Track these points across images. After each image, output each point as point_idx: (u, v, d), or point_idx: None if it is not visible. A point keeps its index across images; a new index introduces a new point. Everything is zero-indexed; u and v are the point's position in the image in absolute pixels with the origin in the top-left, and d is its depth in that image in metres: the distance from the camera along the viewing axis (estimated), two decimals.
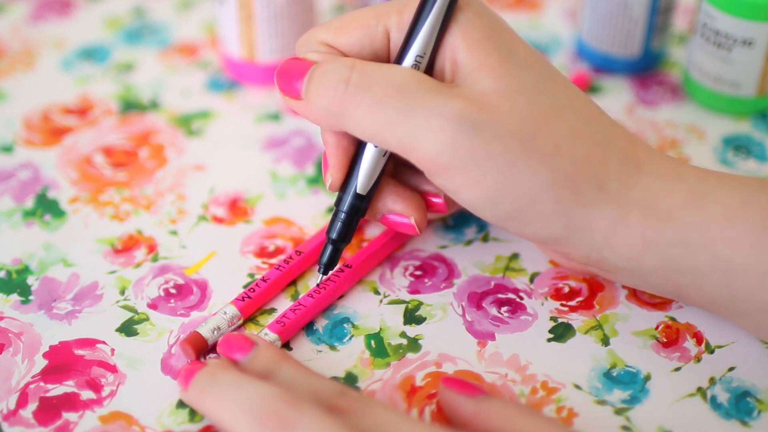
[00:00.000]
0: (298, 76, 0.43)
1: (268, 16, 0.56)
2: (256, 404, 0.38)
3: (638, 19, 0.57)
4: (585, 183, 0.41)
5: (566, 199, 0.41)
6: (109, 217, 0.51)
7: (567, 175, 0.41)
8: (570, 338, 0.45)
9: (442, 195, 0.46)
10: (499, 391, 0.43)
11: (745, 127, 0.56)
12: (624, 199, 0.41)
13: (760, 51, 0.54)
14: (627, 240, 0.41)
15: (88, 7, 0.66)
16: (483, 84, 0.41)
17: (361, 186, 0.44)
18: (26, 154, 0.55)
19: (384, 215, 0.45)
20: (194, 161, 0.54)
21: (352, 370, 0.44)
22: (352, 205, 0.44)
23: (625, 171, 0.42)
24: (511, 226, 0.43)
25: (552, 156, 0.41)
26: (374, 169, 0.44)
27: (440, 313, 0.46)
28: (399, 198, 0.45)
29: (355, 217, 0.45)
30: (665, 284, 0.43)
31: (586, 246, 0.42)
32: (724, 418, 0.42)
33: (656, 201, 0.41)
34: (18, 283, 0.47)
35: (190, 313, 0.46)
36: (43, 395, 0.42)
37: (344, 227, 0.45)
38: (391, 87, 0.41)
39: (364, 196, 0.44)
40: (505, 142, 0.40)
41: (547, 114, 0.41)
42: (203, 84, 0.60)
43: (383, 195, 0.45)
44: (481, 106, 0.40)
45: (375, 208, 0.45)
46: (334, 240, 0.45)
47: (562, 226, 0.42)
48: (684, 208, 0.41)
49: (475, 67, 0.41)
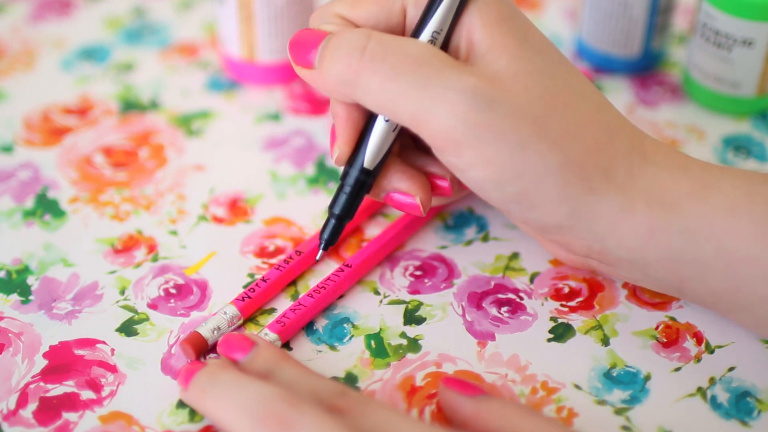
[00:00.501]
0: (312, 45, 0.43)
1: (268, 16, 0.56)
2: (256, 404, 0.38)
3: (638, 19, 0.57)
4: (593, 170, 0.41)
5: (573, 185, 0.41)
6: (109, 217, 0.51)
7: (576, 160, 0.41)
8: (570, 338, 0.45)
9: (448, 178, 0.45)
10: (499, 391, 0.43)
11: (745, 127, 0.56)
12: (630, 187, 0.41)
13: (760, 51, 0.54)
14: (631, 229, 0.41)
15: (88, 7, 0.66)
16: (498, 64, 0.41)
17: (368, 160, 0.44)
18: (26, 154, 0.55)
19: (389, 193, 0.45)
20: (194, 161, 0.54)
21: (352, 370, 0.44)
22: (358, 180, 0.44)
23: (632, 160, 0.42)
24: (515, 210, 0.42)
25: (562, 140, 0.41)
26: (383, 145, 0.44)
27: (440, 313, 0.46)
28: (405, 177, 0.45)
29: (360, 192, 0.44)
30: (667, 277, 0.42)
31: (590, 235, 0.42)
32: (724, 418, 0.42)
33: (662, 191, 0.41)
34: (18, 283, 0.47)
35: (190, 313, 0.46)
36: (43, 395, 0.42)
37: (348, 202, 0.44)
38: (407, 58, 0.41)
39: (370, 172, 0.44)
40: (516, 122, 0.40)
41: (559, 98, 0.41)
42: (203, 84, 0.60)
43: (389, 173, 0.45)
44: (496, 84, 0.40)
45: (380, 185, 0.45)
46: (338, 215, 0.44)
47: (567, 212, 0.41)
48: (689, 198, 0.41)
49: (491, 47, 0.41)
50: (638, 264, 0.42)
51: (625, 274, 0.44)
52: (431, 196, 0.45)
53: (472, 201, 0.52)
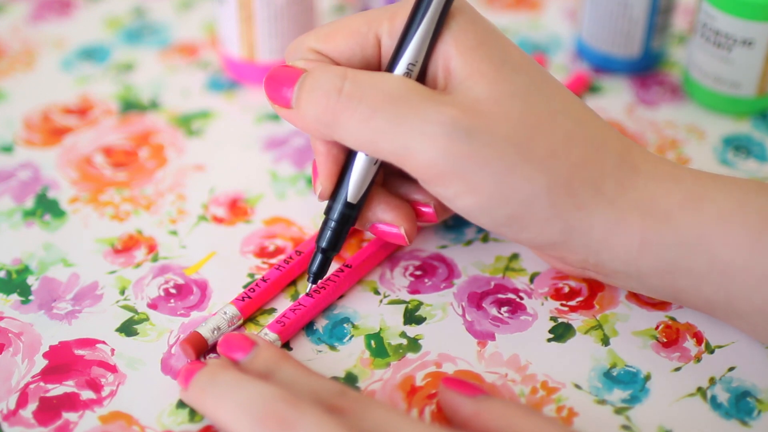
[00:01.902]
0: (288, 83, 0.43)
1: (268, 16, 0.56)
2: (256, 404, 0.38)
3: (638, 19, 0.57)
4: (581, 186, 0.41)
5: (563, 203, 0.41)
6: (109, 217, 0.51)
7: (563, 179, 0.41)
8: (570, 338, 0.45)
9: (432, 205, 0.45)
10: (499, 391, 0.43)
11: (745, 127, 0.56)
12: (621, 200, 0.41)
13: (760, 51, 0.54)
14: (624, 242, 0.41)
15: (88, 7, 0.66)
16: (476, 90, 0.41)
17: (351, 195, 0.44)
18: (26, 154, 0.55)
19: (374, 225, 0.45)
20: (194, 161, 0.54)
21: (352, 370, 0.44)
22: (342, 214, 0.44)
23: (621, 173, 0.42)
24: (507, 233, 0.43)
25: (547, 160, 0.41)
26: (365, 178, 0.44)
27: (440, 313, 0.46)
28: (389, 208, 0.45)
29: (345, 226, 0.44)
30: (663, 287, 0.42)
31: (583, 250, 0.42)
32: (724, 418, 0.42)
33: (653, 202, 0.41)
34: (18, 283, 0.47)
35: (190, 313, 0.46)
36: (43, 395, 0.42)
37: (334, 236, 0.44)
38: (383, 95, 0.41)
39: (354, 205, 0.44)
40: (499, 148, 0.40)
41: (542, 119, 0.41)
42: (203, 84, 0.60)
43: (373, 204, 0.45)
44: (475, 113, 0.40)
45: (365, 217, 0.45)
46: (324, 249, 0.44)
47: (559, 230, 0.41)
48: (681, 209, 0.41)
49: (469, 74, 0.41)
50: (633, 275, 0.42)
51: (621, 283, 0.44)
52: (416, 226, 0.45)
53: None
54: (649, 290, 0.43)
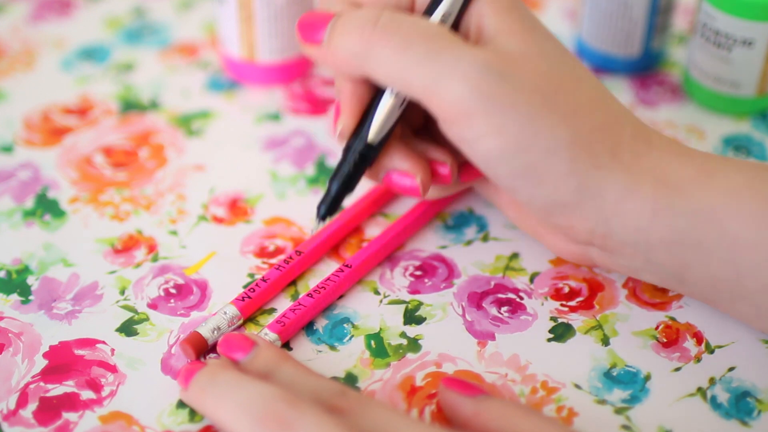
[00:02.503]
0: (321, 24, 0.43)
1: (268, 16, 0.56)
2: (256, 404, 0.38)
3: (638, 19, 0.57)
4: (600, 148, 0.41)
5: (582, 161, 0.41)
6: (109, 217, 0.51)
7: (584, 137, 0.41)
8: (570, 338, 0.45)
9: (449, 164, 0.45)
10: (499, 391, 0.43)
11: (745, 127, 0.56)
12: (636, 168, 0.42)
13: (760, 51, 0.54)
14: (637, 208, 0.41)
15: (88, 7, 0.66)
16: (508, 45, 0.42)
17: (372, 135, 0.44)
18: (26, 154, 0.55)
19: (389, 173, 0.45)
20: (194, 161, 0.54)
21: (352, 370, 0.44)
22: (361, 153, 0.44)
23: (637, 145, 0.42)
24: (522, 187, 0.42)
25: (571, 117, 0.41)
26: (387, 120, 0.44)
27: (440, 313, 0.46)
28: (406, 157, 0.45)
29: (362, 165, 0.44)
30: (669, 263, 0.42)
31: (594, 215, 0.42)
32: (724, 418, 0.42)
33: (667, 173, 0.42)
34: (18, 283, 0.47)
35: (190, 313, 0.46)
36: (43, 395, 0.42)
37: (350, 175, 0.44)
38: (419, 30, 0.41)
39: (373, 147, 0.44)
40: (527, 95, 0.41)
41: (567, 80, 0.42)
42: (203, 84, 0.60)
43: (390, 152, 0.45)
44: (507, 61, 0.41)
45: (381, 164, 0.45)
46: (338, 187, 0.44)
47: (574, 188, 0.41)
48: (693, 183, 0.41)
49: (500, 31, 0.42)
50: (641, 248, 0.42)
51: (625, 263, 0.44)
52: (430, 180, 0.45)
53: (472, 201, 0.52)
54: (654, 268, 0.43)
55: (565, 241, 0.45)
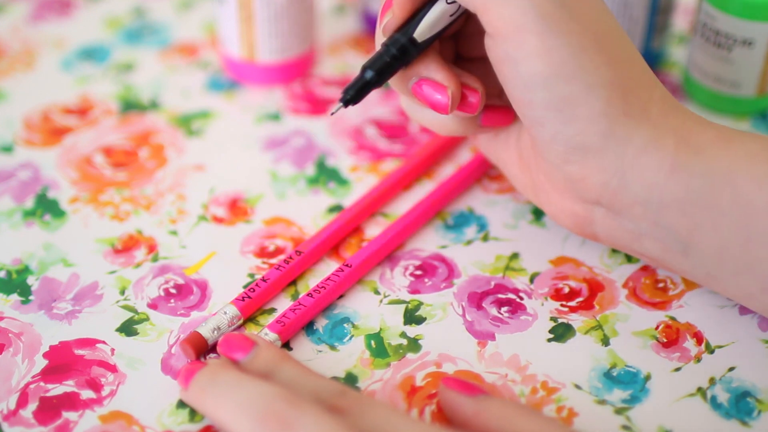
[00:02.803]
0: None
1: (268, 16, 0.56)
2: (257, 404, 0.38)
3: (638, 19, 0.57)
4: (634, 98, 0.42)
5: (615, 104, 0.42)
6: (109, 217, 0.51)
7: (622, 84, 0.42)
8: (570, 338, 0.45)
9: (480, 92, 0.45)
10: (499, 391, 0.43)
11: (745, 127, 0.56)
12: (662, 124, 0.42)
13: (760, 51, 0.54)
14: (656, 163, 0.42)
15: (88, 7, 0.66)
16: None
17: (419, 33, 0.43)
18: (26, 154, 0.55)
19: (420, 81, 0.44)
20: (194, 161, 0.54)
21: (352, 370, 0.44)
22: (403, 46, 0.43)
23: (664, 105, 0.43)
24: (553, 120, 0.42)
25: (614, 62, 0.42)
26: (436, 23, 0.43)
27: (440, 313, 0.46)
28: (442, 68, 0.44)
29: (401, 59, 0.43)
30: (678, 225, 0.42)
31: (613, 164, 0.42)
32: (724, 418, 0.42)
33: (690, 134, 0.42)
34: (18, 283, 0.47)
35: (190, 313, 0.46)
36: (43, 395, 0.42)
37: (386, 64, 0.43)
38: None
39: (417, 44, 0.43)
40: (582, 28, 0.41)
41: (614, 32, 0.43)
42: (203, 84, 0.60)
43: (427, 61, 0.44)
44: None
45: (415, 69, 0.44)
46: (371, 74, 0.43)
47: (602, 131, 0.42)
48: (713, 145, 0.42)
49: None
50: (652, 207, 0.42)
51: (631, 226, 0.44)
52: (459, 99, 0.44)
53: (472, 201, 0.52)
54: (661, 232, 0.43)
55: (570, 198, 0.45)
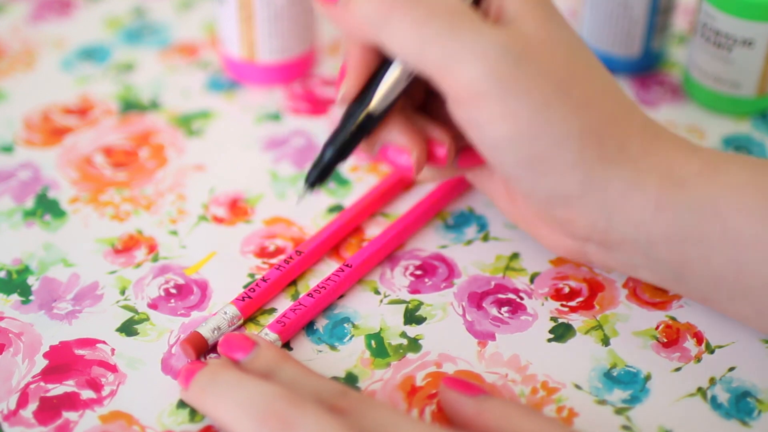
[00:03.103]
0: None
1: (268, 16, 0.56)
2: (257, 404, 0.38)
3: (638, 19, 0.57)
4: (609, 139, 0.41)
5: (589, 151, 0.41)
6: (109, 217, 0.51)
7: (594, 127, 0.41)
8: (570, 338, 0.45)
9: (447, 144, 0.44)
10: (500, 391, 0.43)
11: (745, 127, 0.56)
12: (642, 161, 0.42)
13: (760, 51, 0.54)
14: (640, 202, 0.41)
15: (88, 7, 0.66)
16: (527, 28, 0.41)
17: (375, 104, 0.43)
18: (26, 154, 0.55)
19: (384, 146, 0.44)
20: (194, 161, 0.54)
21: (352, 370, 0.44)
22: (360, 121, 0.43)
23: (645, 137, 0.42)
24: (527, 177, 0.42)
25: (583, 107, 0.41)
26: (392, 91, 0.43)
27: (440, 313, 0.46)
28: (404, 132, 0.44)
29: (360, 134, 0.43)
30: (670, 259, 0.42)
31: (598, 208, 0.42)
32: (725, 418, 0.42)
33: (672, 168, 0.42)
34: (18, 283, 0.47)
35: (190, 313, 0.46)
36: (44, 395, 0.42)
37: (346, 142, 0.43)
38: (442, 4, 0.41)
39: (374, 116, 0.43)
40: (543, 82, 0.40)
41: (582, 68, 0.42)
42: (203, 84, 0.60)
43: (390, 125, 0.44)
44: (525, 44, 0.41)
45: (378, 136, 0.44)
46: (333, 153, 0.43)
47: (579, 180, 0.41)
48: (698, 177, 0.41)
49: (520, 14, 0.42)
50: (641, 244, 0.42)
51: (624, 259, 0.43)
52: (426, 160, 0.44)
53: (472, 200, 0.52)
54: (654, 265, 0.43)
55: (562, 235, 0.45)
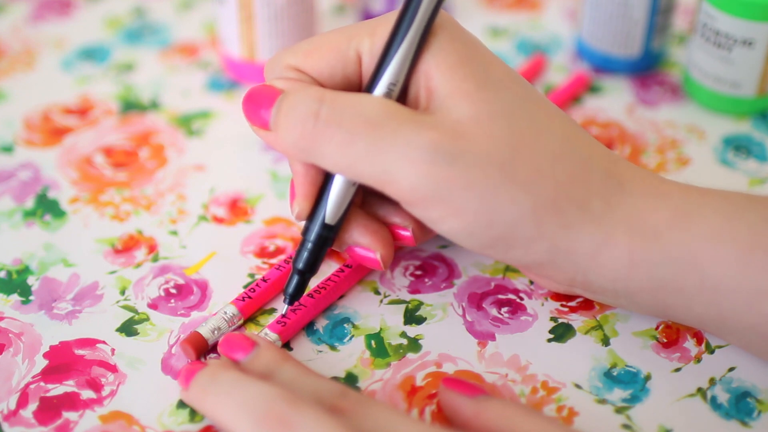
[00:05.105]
0: (266, 105, 0.42)
1: (268, 16, 0.56)
2: (257, 404, 0.38)
3: (638, 19, 0.57)
4: (567, 205, 0.40)
5: (548, 223, 0.40)
6: (109, 217, 0.51)
7: (548, 198, 0.40)
8: (570, 338, 0.45)
9: (410, 228, 0.44)
10: (500, 391, 0.43)
11: (745, 127, 0.56)
12: (608, 218, 0.41)
13: (760, 51, 0.54)
14: (613, 261, 0.41)
15: (88, 7, 0.66)
16: (458, 111, 0.40)
17: (329, 216, 0.43)
18: (26, 154, 0.55)
19: (350, 247, 0.44)
20: (194, 161, 0.54)
21: (352, 370, 0.44)
22: (320, 236, 0.43)
23: (607, 190, 0.41)
24: (493, 254, 0.42)
25: (532, 181, 0.40)
26: (343, 200, 0.43)
27: (440, 313, 0.46)
28: (366, 231, 0.44)
29: (323, 247, 0.43)
30: (652, 305, 0.42)
31: (571, 268, 0.42)
32: (724, 418, 0.42)
33: (641, 220, 0.41)
34: (18, 283, 0.47)
35: (190, 313, 0.46)
36: (44, 395, 0.42)
37: (311, 257, 0.43)
38: (362, 120, 0.40)
39: (332, 227, 0.43)
40: (483, 170, 0.39)
41: (526, 138, 0.40)
42: (203, 84, 0.60)
43: (351, 226, 0.44)
44: (457, 135, 0.40)
45: (342, 239, 0.44)
46: (301, 270, 0.43)
47: (546, 250, 0.41)
48: (670, 227, 0.40)
49: (450, 94, 0.40)
50: (622, 293, 0.42)
51: (610, 301, 0.43)
52: (392, 251, 0.44)
53: None
54: (639, 307, 0.43)
55: (548, 282, 0.45)
